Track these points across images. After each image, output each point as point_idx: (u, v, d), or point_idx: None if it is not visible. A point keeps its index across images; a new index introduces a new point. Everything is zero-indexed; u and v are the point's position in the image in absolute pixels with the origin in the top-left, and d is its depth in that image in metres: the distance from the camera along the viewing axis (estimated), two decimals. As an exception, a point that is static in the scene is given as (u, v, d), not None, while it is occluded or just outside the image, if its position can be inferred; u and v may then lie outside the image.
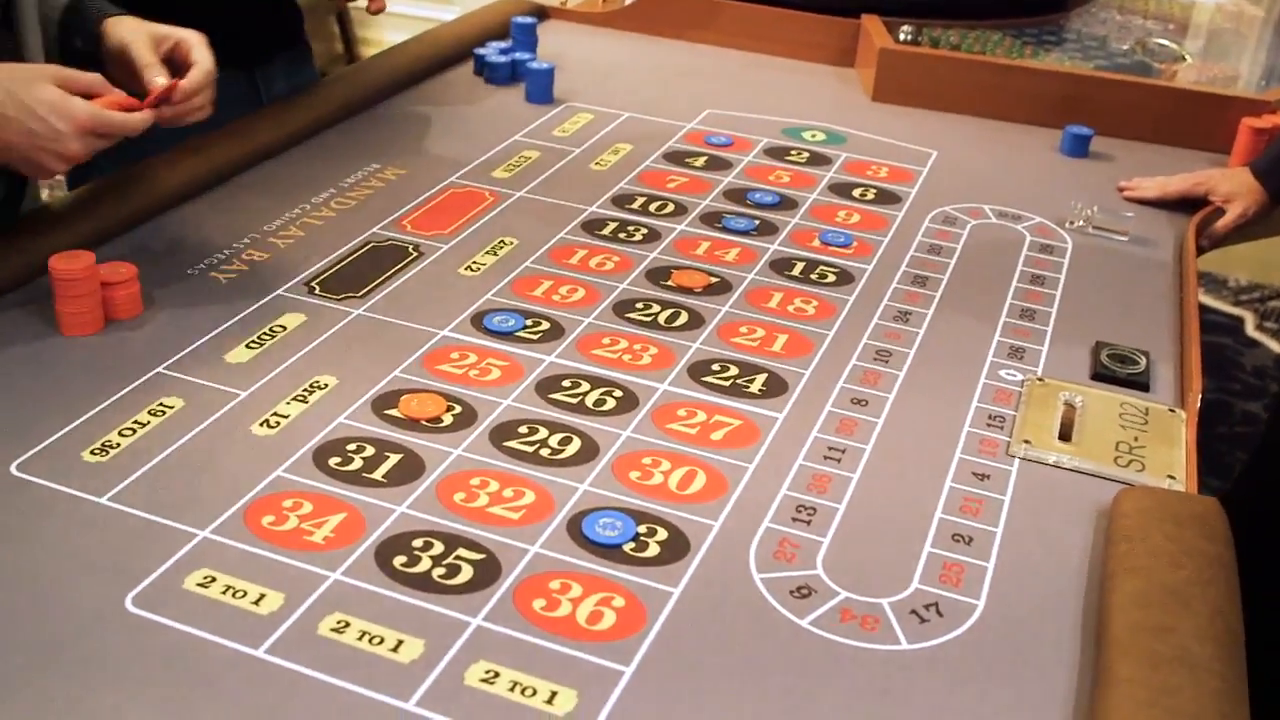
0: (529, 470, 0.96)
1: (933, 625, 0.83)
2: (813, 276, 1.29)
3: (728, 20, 2.02)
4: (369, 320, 1.16)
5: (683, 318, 1.19)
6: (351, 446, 0.97)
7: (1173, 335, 1.22)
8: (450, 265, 1.27)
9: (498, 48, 1.83)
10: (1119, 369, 1.14)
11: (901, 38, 1.88)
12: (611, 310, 1.20)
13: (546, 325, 1.16)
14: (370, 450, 0.97)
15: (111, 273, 1.11)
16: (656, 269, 1.29)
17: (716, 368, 1.11)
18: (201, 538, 0.86)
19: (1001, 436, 1.04)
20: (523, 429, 1.01)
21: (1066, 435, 1.04)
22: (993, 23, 2.04)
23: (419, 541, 0.87)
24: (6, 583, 0.82)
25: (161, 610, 0.80)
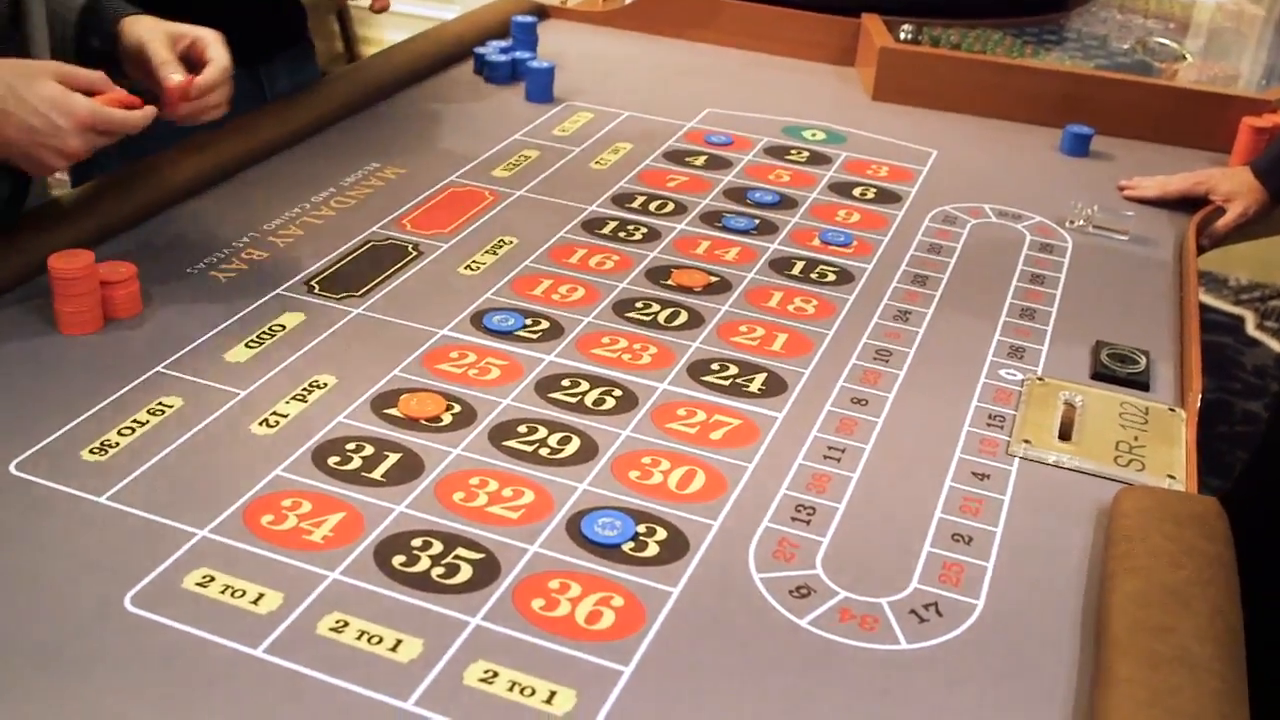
0: (528, 470, 0.96)
1: (932, 625, 0.83)
2: (813, 276, 1.29)
3: (728, 19, 2.02)
4: (368, 319, 1.15)
5: (682, 317, 1.19)
6: (351, 446, 0.97)
7: (1173, 335, 1.22)
8: (450, 264, 1.27)
9: (498, 47, 1.83)
10: (1119, 368, 1.13)
11: (902, 37, 1.88)
12: (611, 309, 1.20)
13: (546, 324, 1.16)
14: (369, 449, 0.97)
15: (111, 271, 1.11)
16: (656, 268, 1.29)
17: (716, 367, 1.11)
18: (200, 537, 0.86)
19: (1001, 436, 1.04)
20: (522, 428, 1.01)
21: (1066, 435, 1.04)
22: (993, 22, 2.04)
23: (418, 541, 0.87)
24: (5, 582, 0.82)
25: (160, 609, 0.80)
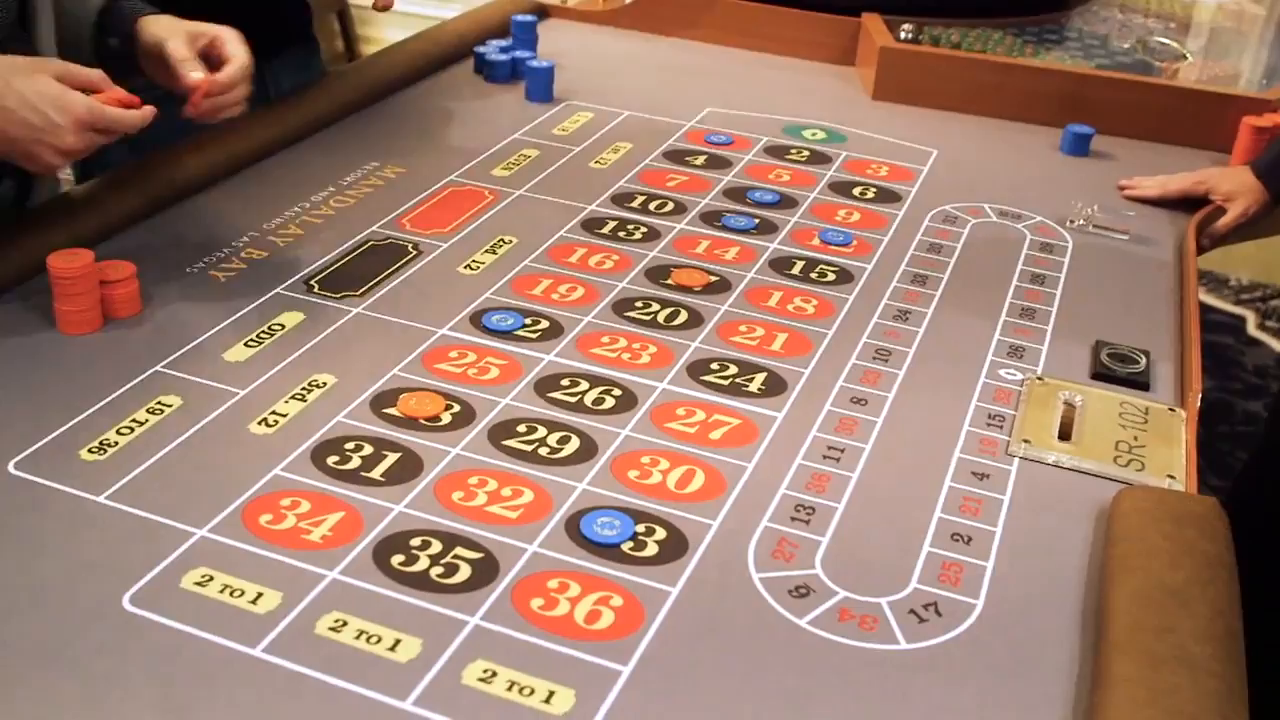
0: (527, 469, 0.96)
1: (931, 625, 0.83)
2: (812, 275, 1.29)
3: (728, 19, 2.02)
4: (368, 319, 1.15)
5: (682, 316, 1.19)
6: (350, 445, 0.97)
7: (1173, 334, 1.22)
8: (449, 264, 1.27)
9: (498, 46, 1.83)
10: (1119, 368, 1.13)
11: (902, 36, 1.88)
12: (611, 309, 1.20)
13: (545, 324, 1.16)
14: (369, 449, 0.97)
15: (110, 271, 1.11)
16: (656, 268, 1.29)
17: (716, 367, 1.11)
18: (199, 536, 0.86)
19: (1001, 436, 1.04)
20: (521, 428, 1.00)
21: (1066, 434, 1.04)
22: (993, 21, 2.04)
23: (417, 540, 0.87)
24: (4, 581, 0.81)
25: (159, 609, 0.80)
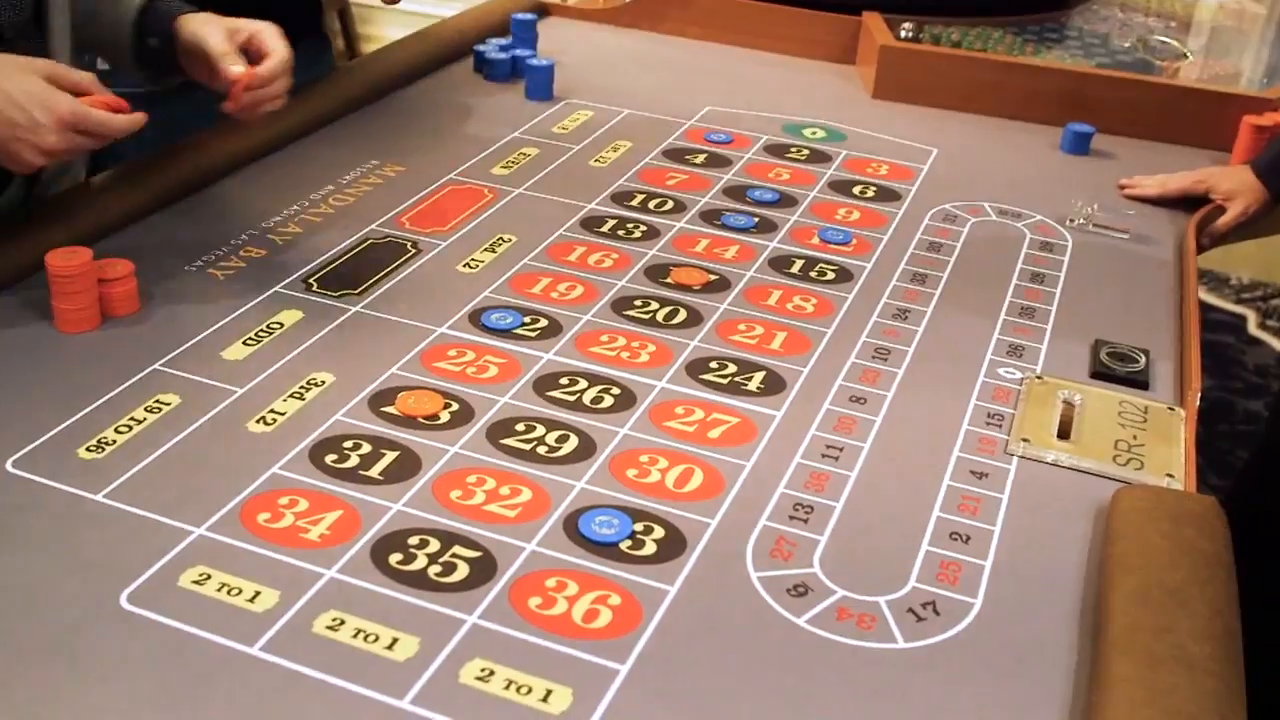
0: (526, 468, 0.95)
1: (930, 624, 0.83)
2: (812, 274, 1.29)
3: (728, 17, 2.02)
4: (367, 317, 1.15)
5: (681, 315, 1.19)
6: (348, 444, 0.97)
7: (1172, 333, 1.22)
8: (448, 262, 1.27)
9: (498, 44, 1.83)
10: (1118, 367, 1.13)
11: (902, 35, 1.88)
12: (610, 308, 1.20)
13: (544, 323, 1.16)
14: (367, 447, 0.97)
15: (109, 269, 1.11)
16: (655, 266, 1.28)
17: (715, 365, 1.11)
18: (197, 535, 0.86)
19: (1000, 435, 1.03)
20: (520, 426, 1.00)
21: (1065, 433, 1.04)
22: (994, 20, 2.04)
23: (415, 539, 0.87)
24: (2, 580, 0.81)
25: (156, 607, 0.80)
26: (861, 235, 1.38)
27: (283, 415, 1.00)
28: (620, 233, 1.35)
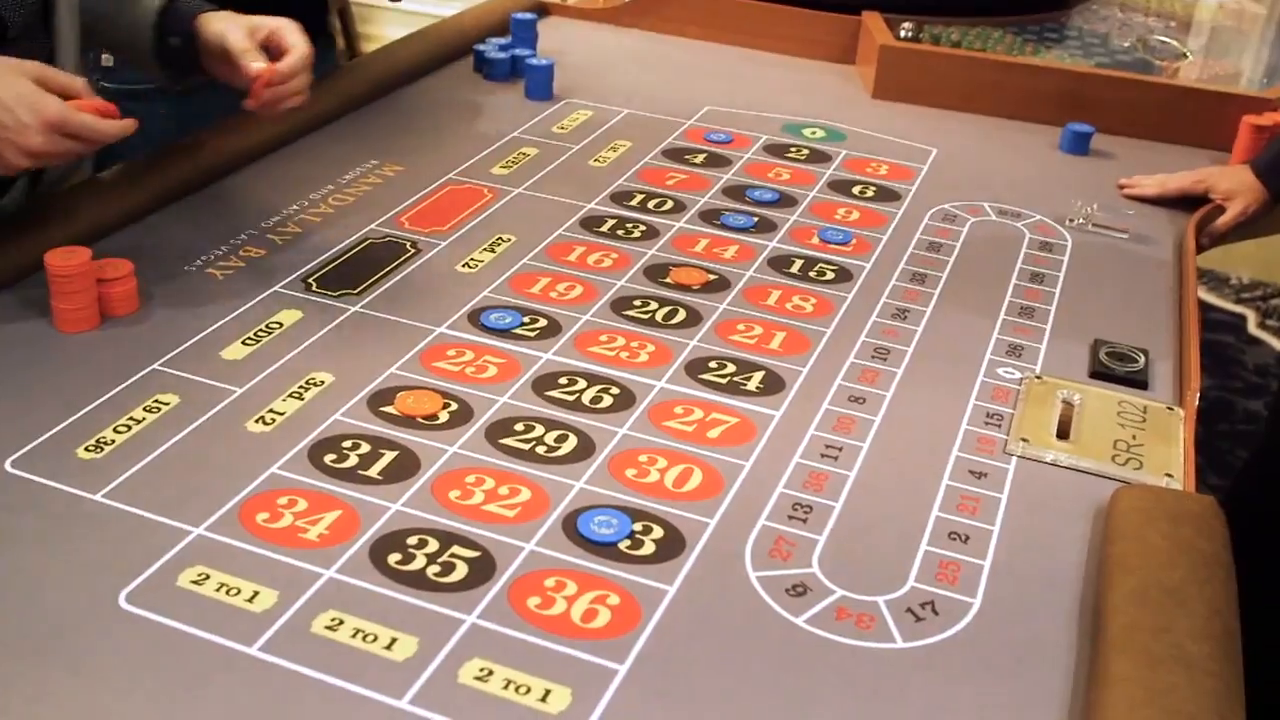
0: (525, 468, 0.95)
1: (928, 623, 0.83)
2: (811, 274, 1.29)
3: (728, 17, 2.02)
4: (366, 317, 1.15)
5: (680, 315, 1.19)
6: (347, 443, 0.97)
7: (1172, 333, 1.22)
8: (448, 262, 1.26)
9: (497, 44, 1.83)
10: (1117, 367, 1.13)
11: (902, 35, 1.88)
12: (609, 307, 1.20)
13: (544, 322, 1.16)
14: (366, 447, 0.97)
15: (108, 269, 1.11)
16: (655, 266, 1.28)
17: (714, 365, 1.11)
18: (196, 535, 0.86)
19: (999, 434, 1.03)
20: (519, 426, 1.00)
21: (1064, 433, 1.04)
22: (993, 20, 2.04)
23: (414, 539, 0.87)
24: (0, 580, 0.81)
25: (155, 608, 0.79)
26: (861, 235, 1.38)
27: (282, 415, 1.00)
28: (620, 232, 1.35)
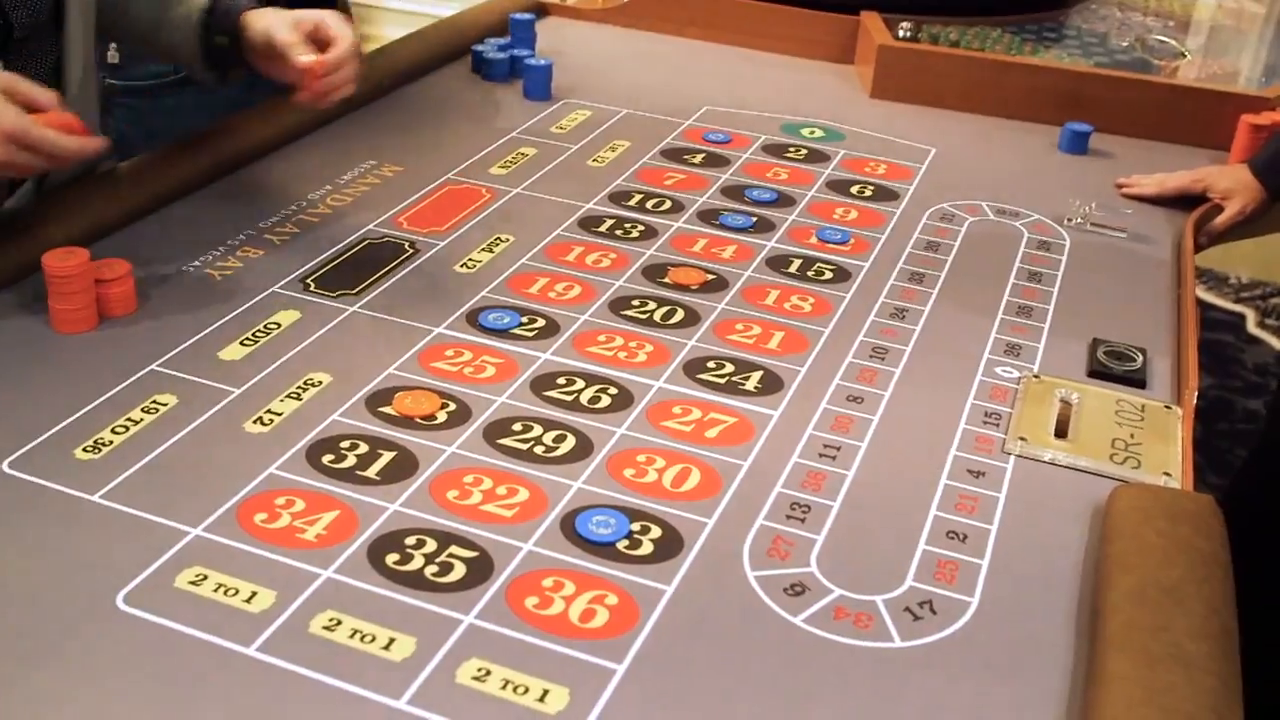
0: (523, 468, 0.95)
1: (926, 623, 0.83)
2: (810, 273, 1.29)
3: (726, 17, 2.02)
4: (364, 317, 1.15)
5: (679, 315, 1.19)
6: (345, 444, 0.97)
7: (1170, 332, 1.22)
8: (446, 262, 1.26)
9: (496, 44, 1.83)
10: (1116, 366, 1.13)
11: (900, 34, 1.88)
12: (607, 307, 1.20)
13: (542, 322, 1.16)
14: (364, 447, 0.96)
15: (106, 269, 1.11)
16: (653, 266, 1.28)
17: (712, 365, 1.11)
18: (193, 535, 0.86)
19: (997, 434, 1.03)
20: (517, 426, 1.00)
21: (1062, 432, 1.04)
22: (992, 19, 2.04)
23: (412, 539, 0.87)
24: (-2, 580, 0.82)
25: (153, 608, 0.79)
26: (859, 235, 1.38)
27: (280, 415, 1.00)
28: (618, 232, 1.35)
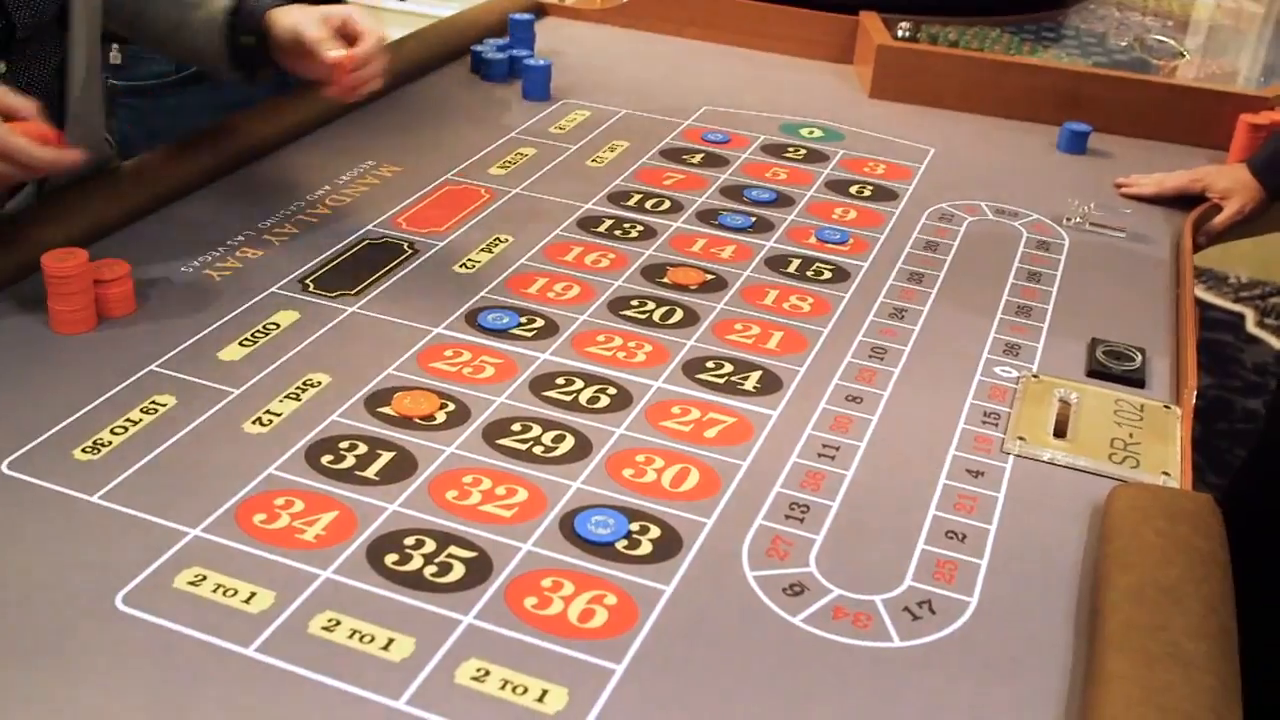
0: (522, 468, 0.95)
1: (925, 622, 0.83)
2: (808, 273, 1.29)
3: (725, 17, 2.02)
4: (363, 317, 1.15)
5: (678, 315, 1.19)
6: (344, 444, 0.97)
7: (1169, 332, 1.22)
8: (445, 262, 1.26)
9: (495, 44, 1.83)
10: (1114, 365, 1.13)
11: (899, 34, 1.88)
12: (606, 307, 1.20)
13: (541, 323, 1.16)
14: (363, 448, 0.96)
15: (105, 270, 1.11)
16: (652, 266, 1.28)
17: (711, 365, 1.11)
18: (192, 536, 0.86)
19: (996, 433, 1.03)
20: (516, 426, 1.00)
21: (1061, 432, 1.04)
22: (991, 19, 2.04)
23: (411, 539, 0.87)
24: (-3, 581, 0.82)
25: (152, 609, 0.79)
26: (858, 234, 1.38)
27: (279, 416, 1.00)
28: (617, 233, 1.35)
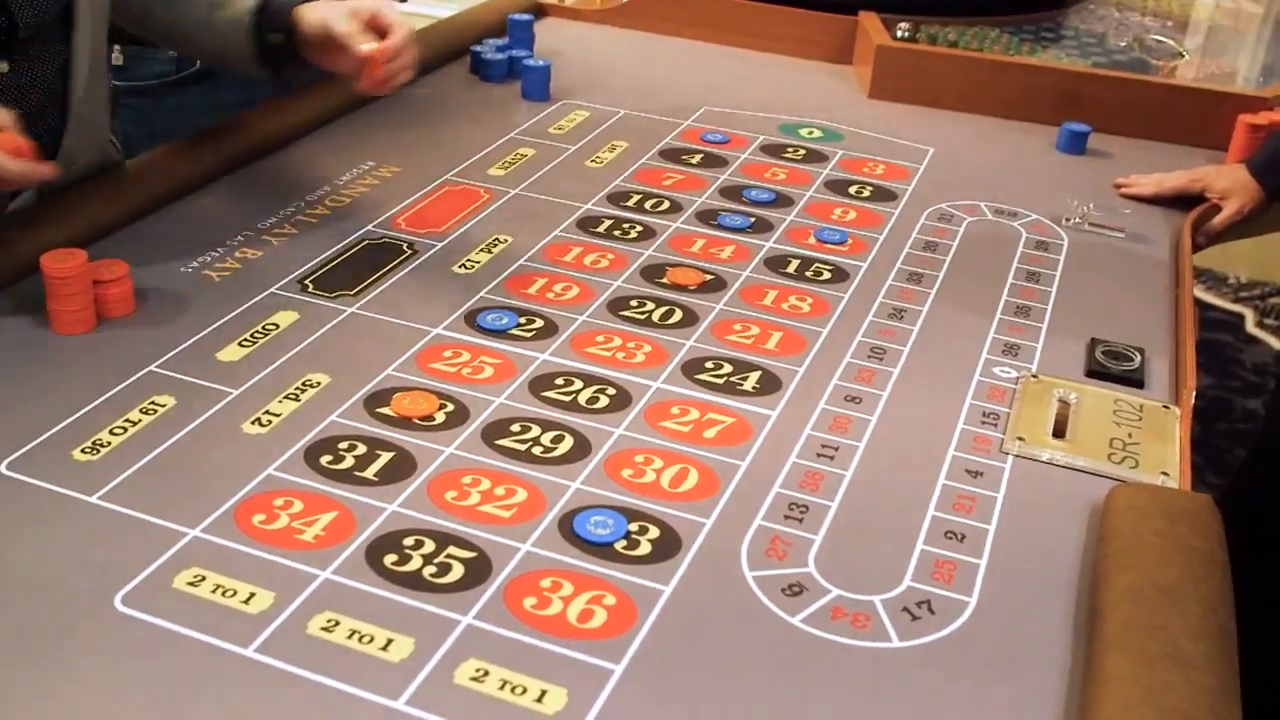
0: (521, 468, 0.95)
1: (924, 622, 0.83)
2: (808, 274, 1.29)
3: (725, 17, 2.02)
4: (362, 318, 1.15)
5: (677, 315, 1.19)
6: (343, 445, 0.97)
7: (1168, 332, 1.22)
8: (444, 263, 1.27)
9: (494, 45, 1.83)
10: (1114, 365, 1.13)
11: (899, 34, 1.88)
12: (605, 308, 1.20)
13: (540, 323, 1.16)
14: (362, 448, 0.97)
15: (104, 270, 1.11)
16: (651, 266, 1.28)
17: (710, 365, 1.11)
18: (191, 536, 0.86)
19: (995, 433, 1.03)
20: (515, 427, 1.00)
21: (1060, 432, 1.04)
22: (990, 20, 2.04)
23: (410, 540, 0.87)
24: (-4, 581, 0.82)
25: (151, 609, 0.79)
26: (857, 235, 1.38)
27: (278, 416, 1.00)
28: (616, 233, 1.35)
